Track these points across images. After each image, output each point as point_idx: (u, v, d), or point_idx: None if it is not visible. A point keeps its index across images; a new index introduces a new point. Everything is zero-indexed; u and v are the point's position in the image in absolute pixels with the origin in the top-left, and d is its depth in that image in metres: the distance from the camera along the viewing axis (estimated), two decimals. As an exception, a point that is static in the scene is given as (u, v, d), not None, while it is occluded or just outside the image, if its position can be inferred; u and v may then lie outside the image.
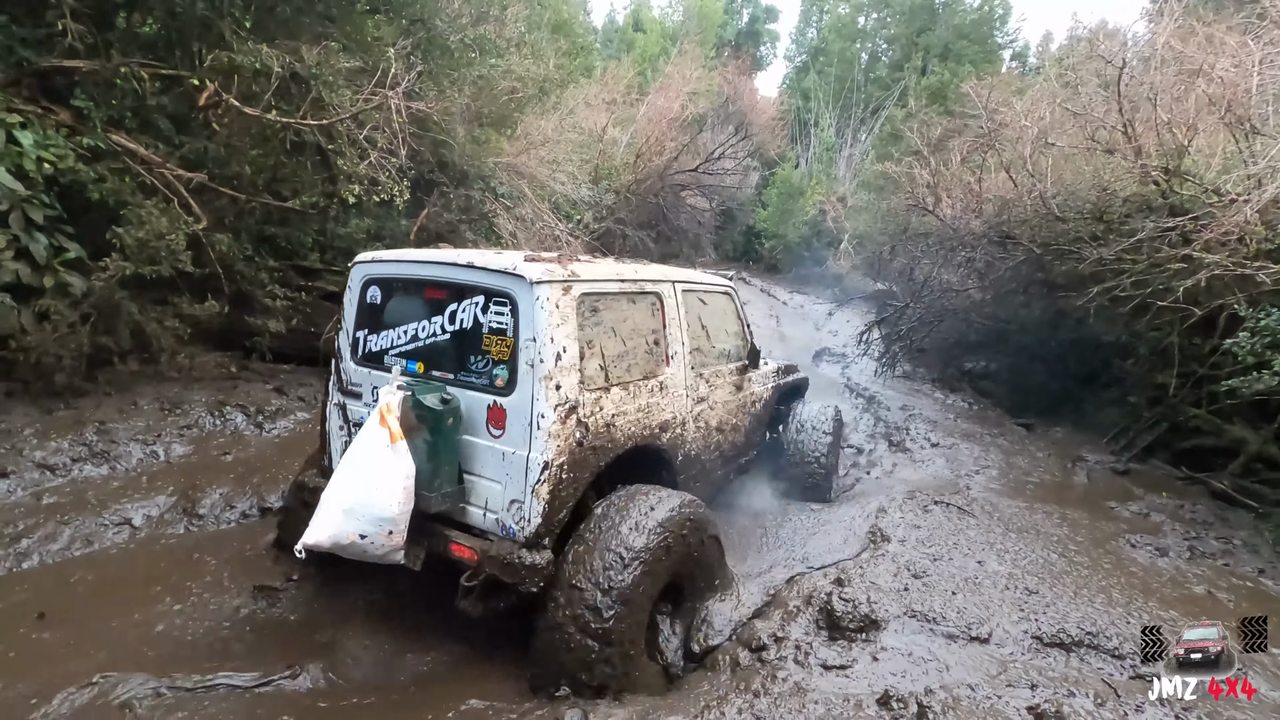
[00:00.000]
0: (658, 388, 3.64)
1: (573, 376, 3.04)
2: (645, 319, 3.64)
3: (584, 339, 3.15)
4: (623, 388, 3.38)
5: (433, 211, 7.33)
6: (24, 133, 4.40)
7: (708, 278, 4.59)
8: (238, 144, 5.69)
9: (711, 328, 4.30)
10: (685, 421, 3.91)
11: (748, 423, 4.76)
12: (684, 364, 3.88)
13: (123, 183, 5.09)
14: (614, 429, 3.31)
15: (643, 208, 14.78)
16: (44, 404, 4.59)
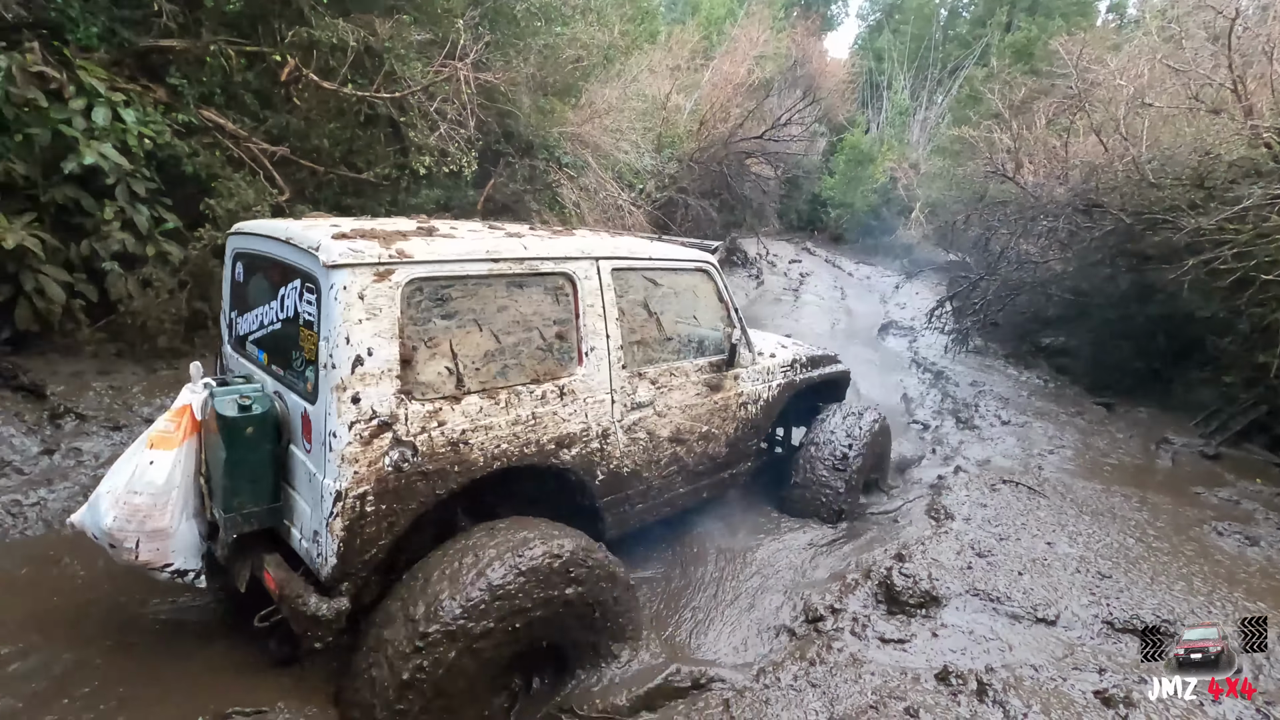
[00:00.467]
0: (555, 394, 2.96)
1: (385, 386, 2.45)
2: (542, 307, 2.95)
3: (417, 336, 2.56)
4: (487, 396, 2.74)
5: (498, 182, 7.46)
6: (127, 110, 4.70)
7: (668, 251, 3.74)
8: (316, 118, 5.91)
9: (667, 315, 3.54)
10: (609, 433, 3.20)
11: (732, 429, 3.96)
12: (608, 362, 3.18)
13: (213, 156, 5.39)
14: (466, 448, 2.66)
15: (706, 176, 14.57)
16: (149, 364, 4.98)
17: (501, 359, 2.82)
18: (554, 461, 3.00)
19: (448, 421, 2.63)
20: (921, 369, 9.72)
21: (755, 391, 4.13)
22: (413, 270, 2.54)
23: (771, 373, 4.28)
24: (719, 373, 3.83)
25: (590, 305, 3.12)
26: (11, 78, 4.23)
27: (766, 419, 4.29)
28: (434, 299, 2.62)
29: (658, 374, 3.47)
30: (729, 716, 2.77)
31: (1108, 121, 7.56)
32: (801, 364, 4.57)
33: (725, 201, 15.92)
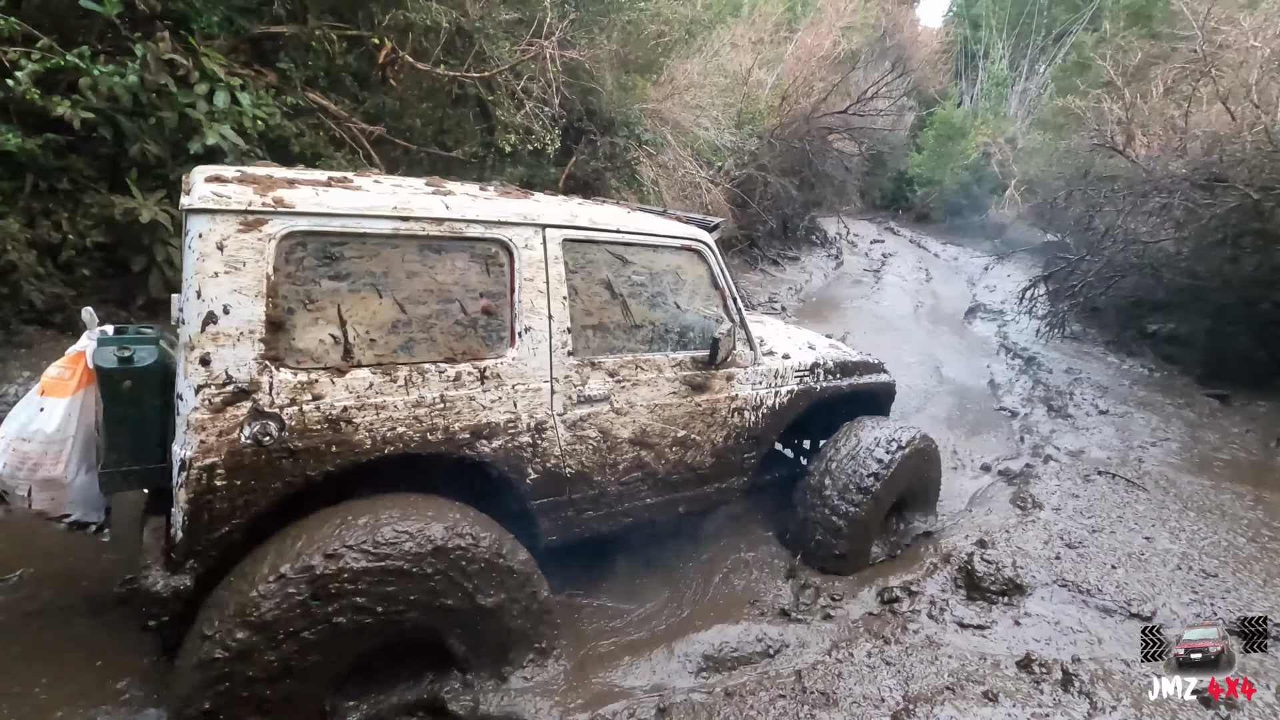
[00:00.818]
0: (474, 376, 2.60)
1: (244, 349, 2.19)
2: (466, 277, 2.60)
3: (295, 297, 2.27)
4: (382, 372, 2.42)
5: (580, 159, 7.57)
6: (244, 94, 5.05)
7: (648, 225, 3.18)
8: (410, 98, 6.17)
9: (639, 299, 3.09)
10: (545, 427, 2.79)
11: (721, 437, 3.40)
12: (549, 346, 2.78)
13: (318, 137, 5.73)
14: (349, 428, 2.36)
15: (787, 153, 14.22)
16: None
17: (406, 332, 2.48)
18: (468, 453, 2.61)
19: (325, 396, 2.32)
20: (1011, 354, 9.28)
21: (755, 396, 3.54)
22: (292, 222, 2.25)
23: (781, 376, 3.66)
24: (706, 370, 3.29)
25: (529, 279, 2.71)
26: (146, 65, 4.62)
27: (771, 430, 3.65)
28: (320, 257, 2.31)
29: (618, 365, 3.00)
30: (801, 686, 2.82)
31: (1237, 88, 6.91)
32: (827, 370, 3.91)
33: (806, 179, 15.51)
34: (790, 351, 3.82)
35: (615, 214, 3.17)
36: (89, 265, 4.82)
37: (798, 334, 4.46)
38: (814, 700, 2.71)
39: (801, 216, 16.11)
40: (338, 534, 2.22)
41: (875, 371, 4.31)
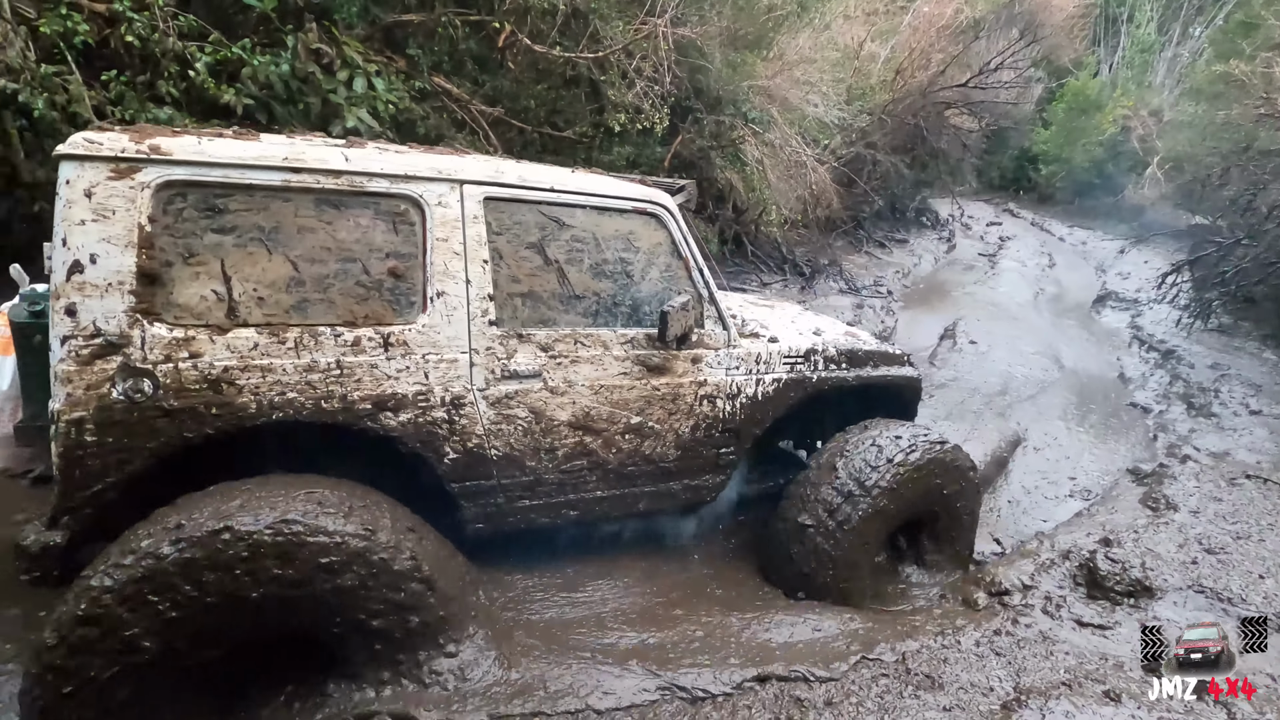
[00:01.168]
0: (376, 343, 2.43)
1: (113, 301, 2.11)
2: (371, 235, 2.43)
3: (173, 249, 2.19)
4: (270, 333, 2.29)
5: (686, 138, 7.59)
6: (378, 80, 5.42)
7: (592, 184, 2.89)
8: (525, 80, 6.40)
9: (579, 266, 2.81)
10: (462, 402, 2.59)
11: (687, 428, 3.08)
12: (466, 314, 2.56)
13: (441, 119, 6.06)
14: (232, 389, 2.25)
15: (899, 130, 13.57)
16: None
17: (300, 291, 2.34)
18: (371, 425, 2.45)
19: (205, 354, 2.22)
20: (1145, 347, 8.55)
21: (730, 383, 3.15)
22: (169, 171, 2.16)
23: (764, 361, 3.24)
24: (665, 350, 2.95)
25: (443, 239, 2.51)
26: (297, 55, 5.06)
27: (754, 423, 3.26)
28: (202, 208, 2.22)
29: (553, 339, 2.74)
30: (905, 668, 2.80)
31: None
32: (828, 357, 3.44)
33: (918, 157, 14.77)
34: (780, 334, 3.40)
35: (553, 172, 2.91)
36: (246, 238, 5.37)
37: (805, 319, 4.02)
38: (918, 682, 2.69)
39: (911, 197, 15.38)
40: (169, 522, 2.05)
41: (894, 363, 3.76)
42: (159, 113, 4.60)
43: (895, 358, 3.79)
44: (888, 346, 3.85)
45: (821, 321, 4.06)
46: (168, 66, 4.48)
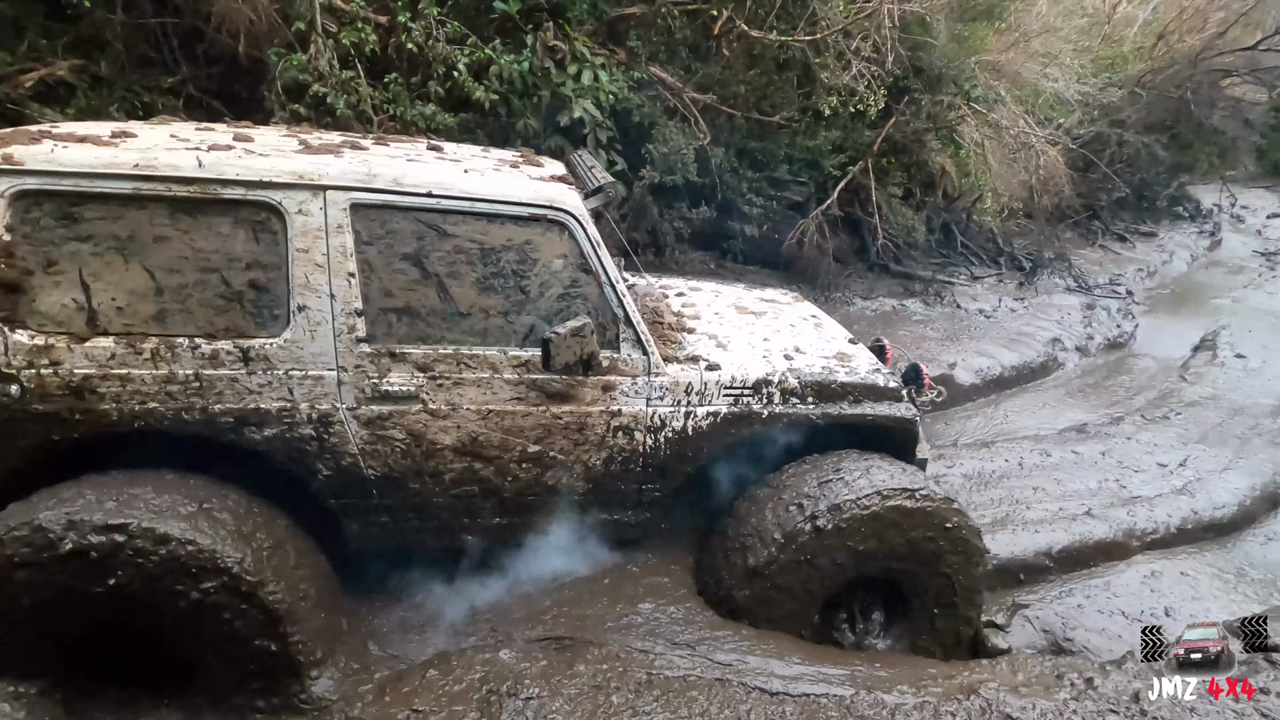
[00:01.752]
0: (236, 357, 2.38)
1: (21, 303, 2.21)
2: (230, 245, 2.35)
3: (33, 258, 2.21)
4: (127, 343, 2.30)
5: (900, 120, 7.20)
6: (602, 71, 5.78)
7: (484, 187, 2.56)
8: (737, 66, 6.45)
9: (465, 280, 2.56)
10: (331, 421, 2.50)
11: (599, 461, 2.82)
12: (332, 330, 2.44)
13: (655, 107, 6.31)
14: (94, 397, 2.29)
15: (1157, 104, 11.68)
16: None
17: (158, 301, 2.33)
18: (235, 439, 2.44)
19: (64, 362, 2.26)
20: None
21: (652, 415, 2.80)
22: (21, 181, 2.17)
23: (698, 393, 2.85)
24: (569, 376, 2.64)
25: (303, 250, 2.38)
26: (535, 51, 5.55)
27: (685, 460, 2.91)
28: (59, 217, 2.23)
29: (432, 359, 2.56)
30: (1139, 710, 2.53)
31: None
32: (786, 390, 2.95)
33: (1178, 136, 12.65)
34: (725, 360, 2.96)
35: (437, 173, 2.57)
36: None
37: (789, 335, 3.45)
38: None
39: (1166, 183, 13.22)
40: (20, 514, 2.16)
41: (881, 399, 3.11)
42: (424, 109, 5.31)
43: (884, 392, 3.13)
44: (879, 379, 3.15)
45: (812, 338, 3.45)
46: (436, 68, 5.14)
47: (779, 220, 7.23)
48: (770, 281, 7.10)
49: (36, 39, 5.45)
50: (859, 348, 3.45)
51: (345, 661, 2.48)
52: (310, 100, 4.87)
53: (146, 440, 2.39)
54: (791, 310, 3.89)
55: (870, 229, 7.53)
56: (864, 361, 3.28)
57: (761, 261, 7.40)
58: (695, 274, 6.82)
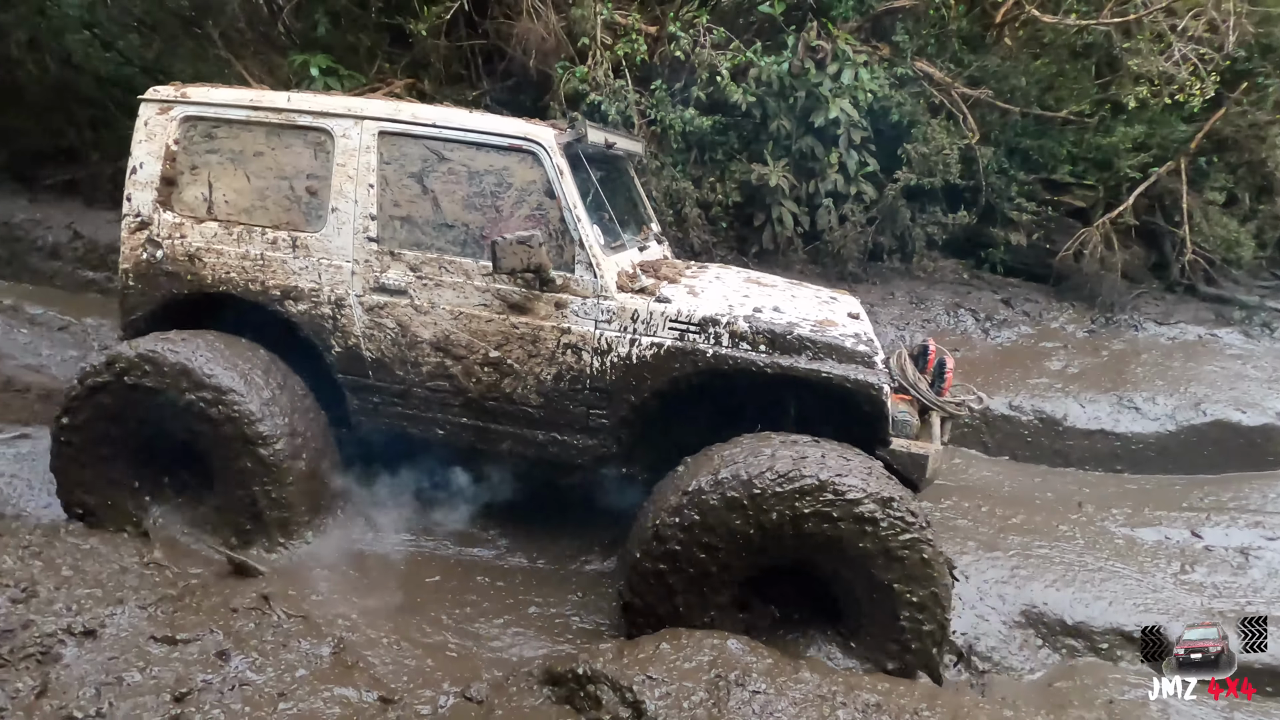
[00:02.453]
0: (287, 243, 3.16)
1: (147, 194, 3.24)
2: (299, 160, 3.16)
3: (185, 162, 3.23)
4: (224, 226, 3.22)
5: (1232, 112, 5.92)
6: (864, 69, 5.57)
7: (474, 122, 3.07)
8: (1021, 56, 5.81)
9: (453, 197, 3.08)
10: (344, 303, 3.14)
11: (549, 376, 3.03)
12: (352, 229, 3.09)
13: (917, 104, 5.93)
14: (199, 264, 3.22)
15: None
16: (834, 285, 6.04)
17: (246, 198, 3.21)
18: (279, 309, 3.18)
19: (188, 237, 3.22)
20: None
21: (599, 337, 2.96)
22: (187, 109, 3.21)
23: (644, 321, 2.92)
24: (527, 289, 2.96)
25: (341, 165, 3.08)
26: (794, 51, 5.53)
27: (629, 389, 2.97)
28: (204, 135, 3.22)
29: (421, 261, 3.07)
30: None
31: None
32: (736, 333, 2.85)
33: None
34: (675, 295, 3.01)
35: (444, 111, 3.22)
36: (725, 218, 6.16)
37: (771, 300, 3.15)
38: None
39: None
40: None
41: (844, 360, 2.80)
42: (684, 113, 5.57)
43: (848, 353, 2.80)
44: (846, 341, 2.84)
45: (804, 306, 3.19)
46: (701, 73, 5.36)
47: (1053, 228, 6.38)
48: (1034, 296, 6.33)
49: (383, 63, 6.70)
50: (858, 321, 3.16)
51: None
52: (586, 108, 5.37)
53: (226, 303, 3.25)
54: (816, 296, 3.58)
55: (1175, 242, 6.31)
56: (848, 328, 2.99)
57: (1026, 274, 6.59)
58: (946, 283, 6.32)
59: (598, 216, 3.17)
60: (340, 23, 6.50)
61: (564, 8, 5.89)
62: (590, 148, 3.19)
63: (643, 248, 3.62)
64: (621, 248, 3.32)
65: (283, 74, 6.48)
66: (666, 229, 5.60)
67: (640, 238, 3.72)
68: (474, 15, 6.10)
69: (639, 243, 3.63)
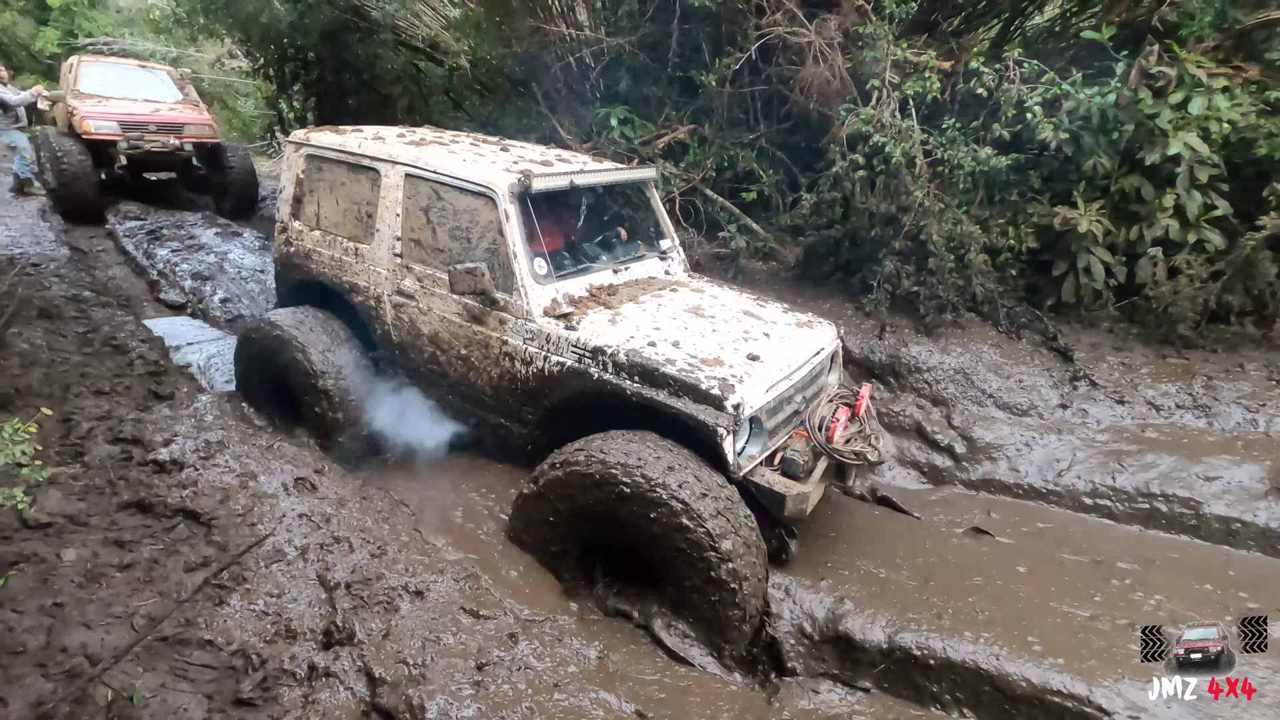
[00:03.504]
0: (354, 252, 4.30)
1: (286, 208, 4.69)
2: (362, 190, 4.25)
3: (306, 187, 4.56)
4: (322, 233, 4.49)
5: None
6: (1221, 96, 4.65)
7: (460, 170, 3.84)
8: None
9: (444, 228, 3.93)
10: (381, 300, 4.21)
11: (495, 374, 3.80)
12: (386, 246, 4.12)
13: (1294, 135, 4.77)
14: (311, 260, 4.55)
15: None
16: (1159, 349, 5.08)
17: (336, 215, 4.43)
18: (348, 298, 4.36)
19: (304, 239, 4.57)
20: None
21: (524, 350, 3.66)
22: (309, 149, 4.51)
23: (553, 342, 3.57)
24: (482, 305, 3.74)
25: (383, 197, 4.11)
26: (1124, 80, 4.81)
27: (543, 395, 3.64)
28: (317, 167, 4.48)
29: (423, 274, 3.99)
30: None
31: None
32: (616, 363, 3.35)
33: None
34: (588, 324, 3.55)
35: (444, 158, 3.95)
36: (1016, 265, 5.54)
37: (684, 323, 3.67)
38: None
39: None
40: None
41: (695, 399, 3.14)
42: (978, 151, 5.16)
43: (700, 394, 3.14)
44: (702, 381, 3.15)
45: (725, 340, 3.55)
46: (1006, 110, 4.93)
47: None
48: None
49: (670, 110, 7.27)
50: (755, 363, 3.37)
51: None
52: (868, 150, 5.24)
53: (323, 289, 4.49)
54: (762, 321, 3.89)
55: None
56: (726, 370, 3.24)
57: None
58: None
59: (575, 246, 4.52)
60: (638, 78, 7.20)
61: (851, 50, 5.85)
62: (566, 187, 4.02)
63: (634, 262, 4.40)
64: (584, 271, 4.03)
65: (586, 124, 7.38)
66: (946, 275, 5.22)
67: (631, 256, 4.47)
68: (759, 63, 6.34)
69: (632, 259, 4.42)
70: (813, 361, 3.68)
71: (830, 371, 4.07)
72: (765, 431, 3.31)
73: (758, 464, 3.23)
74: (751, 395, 3.14)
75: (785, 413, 3.48)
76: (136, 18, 19.02)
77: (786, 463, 3.24)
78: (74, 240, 8.20)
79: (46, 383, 4.03)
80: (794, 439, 3.40)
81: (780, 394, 3.36)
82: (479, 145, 4.47)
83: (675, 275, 4.56)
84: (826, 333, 3.99)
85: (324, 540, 3.01)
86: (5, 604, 2.30)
